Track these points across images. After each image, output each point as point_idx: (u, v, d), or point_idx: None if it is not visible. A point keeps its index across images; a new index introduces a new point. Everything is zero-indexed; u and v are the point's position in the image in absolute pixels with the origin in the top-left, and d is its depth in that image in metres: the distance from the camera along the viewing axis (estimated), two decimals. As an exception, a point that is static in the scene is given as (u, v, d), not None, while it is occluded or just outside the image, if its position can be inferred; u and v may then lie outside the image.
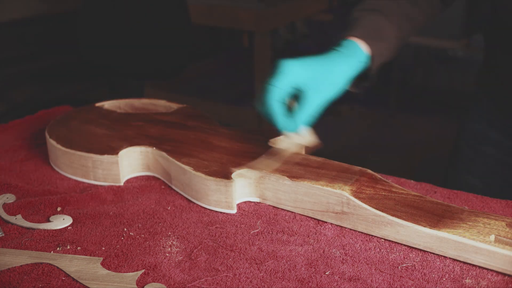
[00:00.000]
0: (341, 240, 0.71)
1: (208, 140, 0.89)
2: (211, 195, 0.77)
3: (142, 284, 0.63)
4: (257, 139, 0.88)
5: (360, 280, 0.63)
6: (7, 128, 1.07)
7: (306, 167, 0.79)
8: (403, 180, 0.85)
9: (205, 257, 0.67)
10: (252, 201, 0.81)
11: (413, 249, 0.68)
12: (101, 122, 0.97)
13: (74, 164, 0.86)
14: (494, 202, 0.79)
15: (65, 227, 0.74)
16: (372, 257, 0.67)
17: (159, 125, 0.95)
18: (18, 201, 0.80)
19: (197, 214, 0.77)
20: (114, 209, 0.78)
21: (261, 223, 0.75)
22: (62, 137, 0.90)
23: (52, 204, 0.79)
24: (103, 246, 0.70)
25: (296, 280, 0.63)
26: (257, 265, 0.66)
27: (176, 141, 0.88)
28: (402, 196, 0.73)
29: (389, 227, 0.69)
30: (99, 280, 0.63)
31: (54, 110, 1.16)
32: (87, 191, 0.83)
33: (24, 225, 0.74)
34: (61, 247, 0.70)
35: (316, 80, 0.77)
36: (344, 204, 0.72)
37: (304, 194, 0.75)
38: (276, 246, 0.70)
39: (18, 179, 0.87)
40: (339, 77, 0.79)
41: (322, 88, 0.77)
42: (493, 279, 0.62)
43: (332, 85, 0.78)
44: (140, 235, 0.72)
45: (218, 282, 0.63)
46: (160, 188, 0.84)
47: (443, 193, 0.82)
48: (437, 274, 0.63)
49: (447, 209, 0.70)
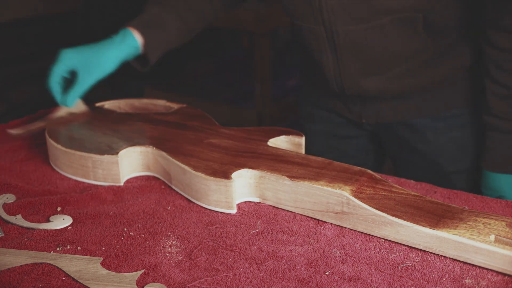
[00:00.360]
0: (341, 240, 0.71)
1: (208, 140, 0.89)
2: (211, 195, 0.77)
3: (142, 284, 0.63)
4: (257, 139, 0.88)
5: (360, 280, 0.63)
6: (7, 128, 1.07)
7: (306, 167, 0.79)
8: (403, 180, 0.85)
9: (205, 257, 0.67)
10: (252, 201, 0.81)
11: (413, 249, 0.68)
12: (101, 122, 0.97)
13: (74, 164, 0.86)
14: (494, 202, 0.79)
15: (65, 227, 0.74)
16: (372, 257, 0.67)
17: (159, 125, 0.95)
18: (18, 201, 0.80)
19: (197, 214, 0.77)
20: (114, 209, 0.78)
21: (261, 223, 0.75)
22: (62, 137, 0.90)
23: (52, 204, 0.79)
24: (103, 246, 0.70)
25: (296, 280, 0.63)
26: (257, 265, 0.66)
27: (176, 141, 0.88)
28: (402, 196, 0.73)
29: (389, 227, 0.69)
30: (99, 280, 0.63)
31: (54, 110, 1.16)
32: (87, 191, 0.83)
33: (24, 225, 0.74)
34: (61, 247, 0.70)
35: (86, 63, 0.96)
36: (344, 204, 0.72)
37: (304, 194, 0.75)
38: (276, 246, 0.70)
39: (18, 179, 0.87)
40: (107, 60, 0.98)
41: (92, 70, 0.96)
42: (493, 279, 0.62)
43: (100, 67, 0.97)
44: (140, 235, 0.72)
45: (218, 282, 0.63)
46: (160, 188, 0.84)
47: (443, 193, 0.82)
48: (437, 274, 0.63)
49: (447, 209, 0.70)
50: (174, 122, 0.96)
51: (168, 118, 0.98)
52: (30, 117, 1.12)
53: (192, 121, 0.96)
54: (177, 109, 1.03)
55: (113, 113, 1.02)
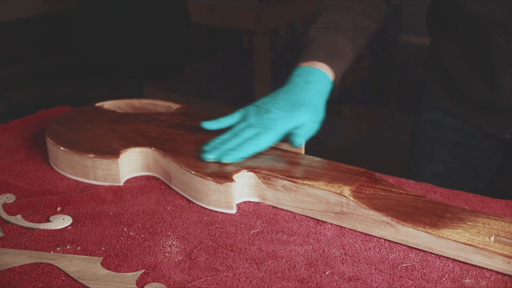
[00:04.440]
0: (341, 240, 0.71)
1: (208, 140, 0.89)
2: (211, 195, 0.77)
3: (142, 284, 0.63)
4: (257, 139, 0.88)
5: (360, 280, 0.63)
6: (7, 128, 1.07)
7: (306, 167, 0.79)
8: (403, 180, 0.85)
9: (205, 257, 0.67)
10: (251, 201, 0.81)
11: (413, 249, 0.68)
12: (101, 122, 0.97)
13: (74, 164, 0.86)
14: (494, 202, 0.79)
15: (65, 227, 0.74)
16: (372, 257, 0.67)
17: (159, 125, 0.95)
18: (18, 201, 0.80)
19: (197, 214, 0.77)
20: (114, 209, 0.78)
21: (261, 223, 0.75)
22: (62, 137, 0.90)
23: (52, 204, 0.79)
24: (103, 246, 0.70)
25: (296, 280, 0.63)
26: (257, 265, 0.66)
27: (176, 141, 0.88)
28: (402, 196, 0.73)
29: (389, 227, 0.69)
30: (99, 280, 0.63)
31: (54, 110, 1.16)
32: (87, 191, 0.83)
33: (24, 225, 0.74)
34: (61, 247, 0.70)
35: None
36: (344, 204, 0.72)
37: (304, 194, 0.75)
38: (276, 246, 0.70)
39: (18, 179, 0.87)
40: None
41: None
42: (493, 279, 0.62)
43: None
44: (140, 235, 0.72)
45: (218, 282, 0.63)
46: (160, 188, 0.85)
47: (443, 193, 0.82)
48: (437, 274, 0.63)
49: (447, 209, 0.70)
50: (174, 122, 0.97)
51: (168, 118, 0.98)
52: (30, 117, 1.12)
53: (192, 121, 0.96)
54: (177, 109, 1.03)
55: (113, 113, 1.02)
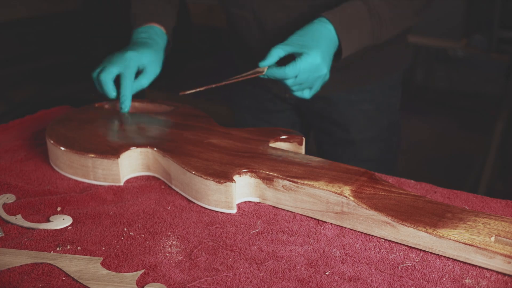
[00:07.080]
0: (341, 240, 0.71)
1: (208, 140, 0.89)
2: (211, 195, 0.77)
3: (142, 284, 0.63)
4: (257, 139, 0.88)
5: (360, 280, 0.63)
6: (7, 128, 1.07)
7: (306, 167, 0.79)
8: (403, 180, 0.85)
9: (205, 257, 0.67)
10: (252, 201, 0.81)
11: (413, 249, 0.68)
12: (101, 122, 0.97)
13: (74, 164, 0.86)
14: (494, 202, 0.79)
15: (65, 227, 0.74)
16: (372, 257, 0.67)
17: (159, 125, 0.95)
18: (18, 201, 0.80)
19: (197, 214, 0.77)
20: (114, 209, 0.78)
21: (261, 223, 0.75)
22: (62, 137, 0.90)
23: (52, 204, 0.79)
24: (103, 246, 0.70)
25: (296, 280, 0.63)
26: (257, 265, 0.66)
27: (176, 141, 0.88)
28: (402, 196, 0.73)
29: (389, 227, 0.69)
30: (99, 280, 0.63)
31: (54, 110, 1.16)
32: (87, 191, 0.83)
33: (24, 225, 0.74)
34: (61, 247, 0.70)
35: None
36: (344, 204, 0.72)
37: (304, 194, 0.75)
38: (276, 246, 0.70)
39: (18, 179, 0.87)
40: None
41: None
42: (493, 279, 0.62)
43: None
44: (140, 235, 0.72)
45: (218, 282, 0.63)
46: (160, 188, 0.85)
47: (443, 193, 0.82)
48: (437, 274, 0.63)
49: (447, 209, 0.70)
50: (174, 122, 0.97)
51: (168, 118, 0.98)
52: (30, 117, 1.12)
53: (192, 121, 0.96)
54: (177, 109, 1.03)
55: (113, 113, 1.02)
